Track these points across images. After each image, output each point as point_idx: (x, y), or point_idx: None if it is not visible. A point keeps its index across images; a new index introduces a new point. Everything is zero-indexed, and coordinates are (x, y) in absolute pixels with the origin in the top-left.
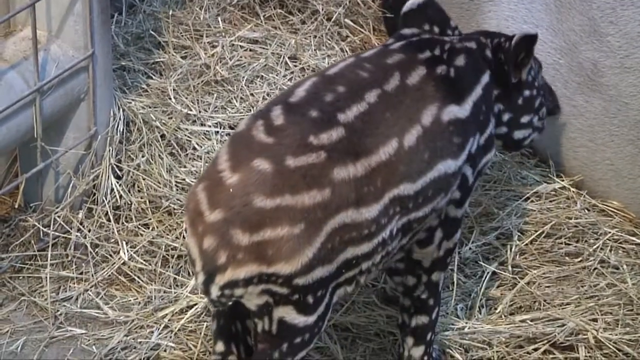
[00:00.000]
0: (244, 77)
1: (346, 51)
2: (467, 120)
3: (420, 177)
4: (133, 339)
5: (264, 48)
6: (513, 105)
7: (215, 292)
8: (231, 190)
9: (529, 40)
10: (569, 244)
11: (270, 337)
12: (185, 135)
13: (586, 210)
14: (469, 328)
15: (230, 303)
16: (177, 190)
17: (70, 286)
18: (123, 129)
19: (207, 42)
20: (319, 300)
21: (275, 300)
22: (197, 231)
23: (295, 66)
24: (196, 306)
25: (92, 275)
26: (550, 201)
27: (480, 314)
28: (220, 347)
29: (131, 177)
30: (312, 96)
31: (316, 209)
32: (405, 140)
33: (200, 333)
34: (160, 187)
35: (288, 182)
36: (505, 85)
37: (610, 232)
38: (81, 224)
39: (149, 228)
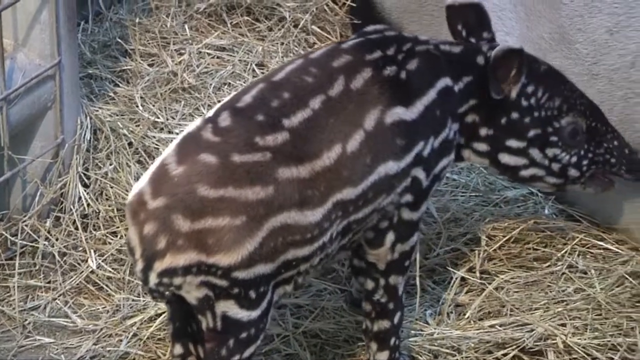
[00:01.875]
0: (211, 84)
1: None
2: (415, 122)
3: (362, 181)
4: (102, 347)
5: (231, 55)
6: (495, 123)
7: (153, 279)
8: (175, 180)
9: (513, 55)
10: (537, 249)
11: (216, 334)
12: (153, 143)
13: (554, 216)
14: (437, 334)
15: (168, 294)
16: None
17: (38, 295)
18: (90, 137)
19: (174, 50)
20: (261, 296)
21: (215, 293)
22: (139, 220)
23: (263, 73)
24: (165, 314)
25: (60, 284)
26: (519, 207)
27: (449, 319)
28: (178, 349)
29: (99, 185)
30: (259, 102)
31: (258, 205)
32: (349, 146)
33: (169, 341)
34: (128, 195)
35: (232, 175)
36: (489, 98)
37: (578, 237)
38: (49, 232)
39: (117, 236)
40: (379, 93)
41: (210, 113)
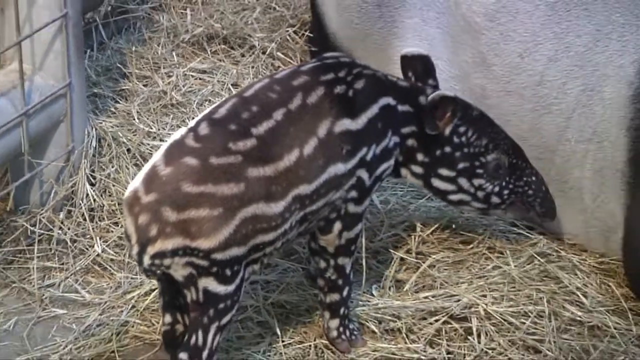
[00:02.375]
0: (195, 101)
1: None
2: (359, 132)
3: (316, 179)
4: (106, 317)
5: (211, 77)
6: (430, 152)
7: (146, 261)
8: (164, 179)
9: (448, 100)
10: (462, 234)
11: (199, 305)
12: (147, 149)
13: None
14: (381, 304)
15: (159, 272)
16: None
17: (53, 275)
18: (96, 145)
19: (164, 73)
20: (235, 273)
21: (198, 272)
22: (134, 212)
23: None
24: (157, 289)
25: (72, 266)
26: None
27: (391, 292)
28: (168, 318)
29: (103, 184)
30: (232, 114)
31: (232, 199)
32: (305, 150)
33: (160, 312)
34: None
35: (211, 174)
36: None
37: (495, 224)
38: (62, 223)
39: (118, 226)
40: (329, 107)
41: (192, 123)
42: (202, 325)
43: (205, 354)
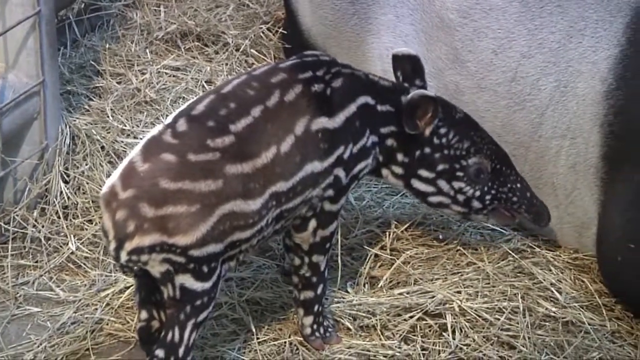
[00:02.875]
0: (168, 98)
1: None
2: (336, 130)
3: (293, 176)
4: (80, 315)
5: (184, 74)
6: (409, 153)
7: (124, 257)
8: (141, 175)
9: (428, 100)
10: (436, 231)
11: (175, 302)
12: (121, 146)
13: None
14: (356, 301)
15: (136, 268)
16: None
17: (27, 272)
18: (69, 142)
19: (138, 70)
20: (212, 270)
21: (175, 268)
22: (111, 208)
23: (211, 88)
24: (132, 287)
25: (46, 263)
26: None
27: (365, 288)
28: (144, 314)
29: (77, 181)
30: (210, 111)
31: (210, 195)
32: (282, 147)
33: (136, 309)
34: (101, 190)
35: (189, 171)
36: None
37: (470, 221)
38: (36, 221)
39: (92, 223)
40: (307, 105)
41: (169, 119)
42: (178, 322)
43: (181, 350)
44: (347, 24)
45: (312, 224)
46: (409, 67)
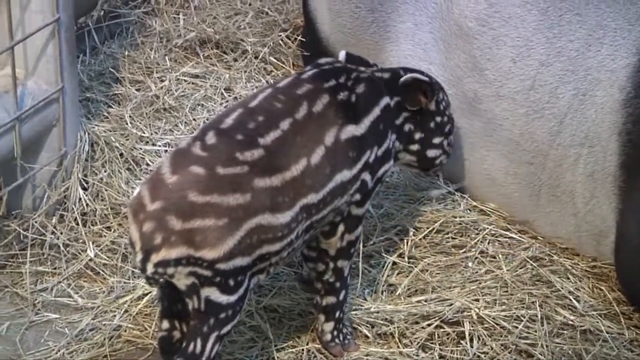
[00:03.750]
0: (187, 105)
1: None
2: (363, 136)
3: (323, 188)
4: (99, 321)
5: (203, 81)
6: (425, 127)
7: (150, 269)
8: (170, 187)
9: (417, 81)
10: (454, 238)
11: (200, 314)
12: (140, 153)
13: (468, 211)
14: (374, 308)
15: (162, 280)
16: None
17: (46, 279)
18: (88, 149)
19: (157, 77)
20: (238, 284)
21: (200, 281)
22: (139, 219)
23: (230, 96)
24: (150, 294)
25: (65, 270)
26: (439, 204)
27: (383, 296)
28: (165, 324)
29: (95, 188)
30: (238, 124)
31: (238, 209)
32: (312, 159)
33: (154, 316)
34: (119, 197)
35: (217, 184)
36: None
37: (488, 228)
38: (55, 227)
39: (111, 230)
40: (334, 115)
41: (197, 132)
42: (201, 334)
43: None
44: (366, 32)
45: (340, 228)
46: (357, 59)
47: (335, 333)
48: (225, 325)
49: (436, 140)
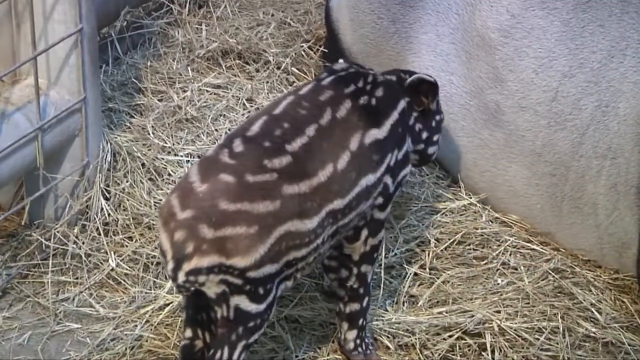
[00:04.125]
0: (209, 115)
1: None
2: (385, 140)
3: (349, 193)
4: (120, 331)
5: (225, 92)
6: (429, 126)
7: (181, 277)
8: (200, 195)
9: (423, 82)
10: (476, 250)
11: (228, 322)
12: (162, 163)
13: (490, 222)
14: (395, 319)
15: (193, 289)
16: (155, 208)
17: (68, 289)
18: (110, 159)
19: (179, 87)
20: (267, 292)
21: (231, 289)
22: (170, 228)
23: (252, 106)
24: (172, 304)
25: (86, 280)
26: (461, 215)
27: (405, 307)
28: (189, 333)
29: (117, 198)
30: (264, 131)
31: (268, 216)
32: (339, 165)
33: (176, 326)
34: (141, 207)
35: (247, 192)
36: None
37: (509, 240)
38: (77, 237)
39: (132, 240)
40: (358, 119)
41: (223, 140)
42: (229, 342)
43: None
44: (388, 43)
45: (364, 233)
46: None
47: (358, 342)
48: (253, 334)
49: (436, 138)
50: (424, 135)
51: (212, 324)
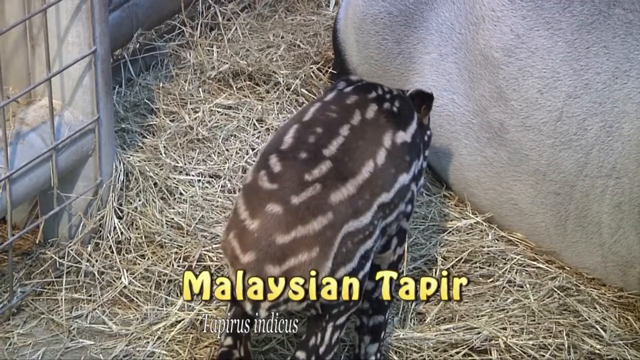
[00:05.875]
0: (220, 136)
1: None
2: (412, 144)
3: (392, 187)
4: (133, 348)
5: (236, 112)
6: (423, 139)
7: (263, 314)
8: (255, 235)
9: (423, 95)
10: (482, 268)
11: (318, 314)
12: (174, 183)
13: (496, 241)
14: (403, 335)
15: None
16: (167, 227)
17: (81, 306)
18: (123, 179)
19: (191, 108)
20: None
21: (313, 301)
22: (236, 269)
23: (262, 127)
24: (183, 321)
25: (99, 297)
26: (467, 233)
27: (412, 324)
28: (229, 341)
29: (130, 217)
30: (298, 141)
31: (325, 231)
32: (378, 160)
33: (187, 342)
34: (153, 225)
35: (297, 216)
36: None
37: (515, 258)
38: (90, 255)
39: (144, 258)
40: (386, 121)
41: (258, 159)
42: (320, 328)
43: (322, 349)
44: (392, 63)
45: (394, 241)
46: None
47: (378, 355)
48: (342, 328)
49: (426, 153)
50: (422, 148)
51: (249, 340)
